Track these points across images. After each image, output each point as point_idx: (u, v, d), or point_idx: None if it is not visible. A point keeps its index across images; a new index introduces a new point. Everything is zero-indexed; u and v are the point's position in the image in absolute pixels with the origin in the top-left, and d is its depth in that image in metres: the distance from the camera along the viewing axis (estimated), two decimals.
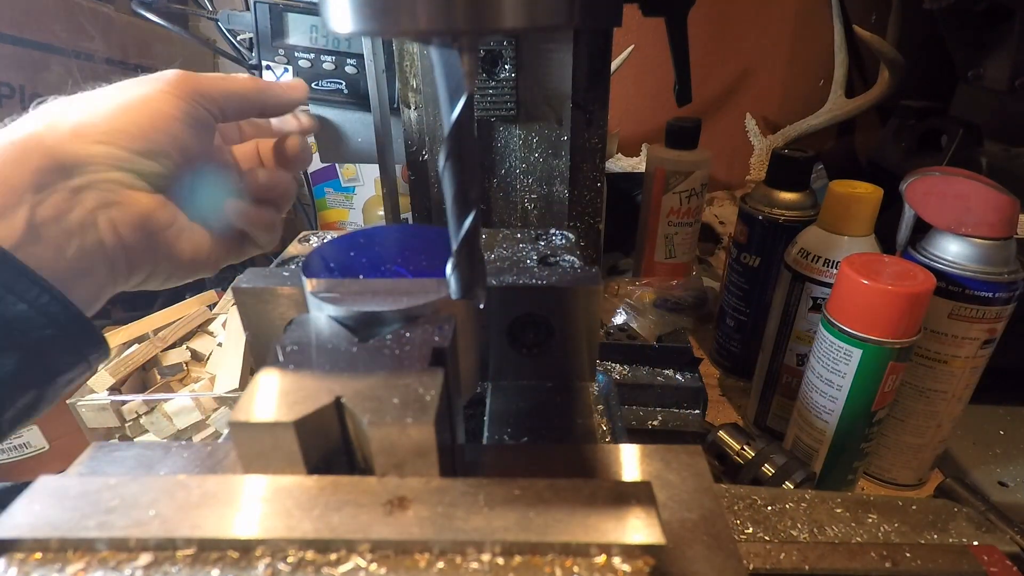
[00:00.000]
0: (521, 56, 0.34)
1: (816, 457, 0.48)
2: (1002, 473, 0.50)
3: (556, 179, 0.37)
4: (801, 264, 0.50)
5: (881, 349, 0.42)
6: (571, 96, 0.35)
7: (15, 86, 0.64)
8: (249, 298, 0.25)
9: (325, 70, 0.42)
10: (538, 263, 0.27)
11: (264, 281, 0.25)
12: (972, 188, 0.43)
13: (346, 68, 0.42)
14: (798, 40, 0.95)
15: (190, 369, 0.51)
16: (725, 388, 0.66)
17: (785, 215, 0.57)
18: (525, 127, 0.36)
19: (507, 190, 0.38)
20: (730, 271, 0.64)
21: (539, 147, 0.36)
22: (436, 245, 0.24)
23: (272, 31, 0.41)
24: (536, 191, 0.37)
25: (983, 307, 0.43)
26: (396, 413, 0.15)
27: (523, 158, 0.37)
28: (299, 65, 0.42)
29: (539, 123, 0.35)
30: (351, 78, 0.42)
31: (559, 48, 0.33)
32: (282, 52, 0.41)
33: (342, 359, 0.18)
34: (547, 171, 0.37)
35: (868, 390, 0.44)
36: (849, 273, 0.42)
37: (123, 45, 0.77)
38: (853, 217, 0.48)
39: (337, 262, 0.23)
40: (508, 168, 0.37)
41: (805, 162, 0.57)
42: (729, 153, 0.97)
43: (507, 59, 0.33)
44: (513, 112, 0.34)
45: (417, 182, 0.39)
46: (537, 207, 0.38)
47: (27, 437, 0.52)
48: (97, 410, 0.46)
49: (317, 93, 0.43)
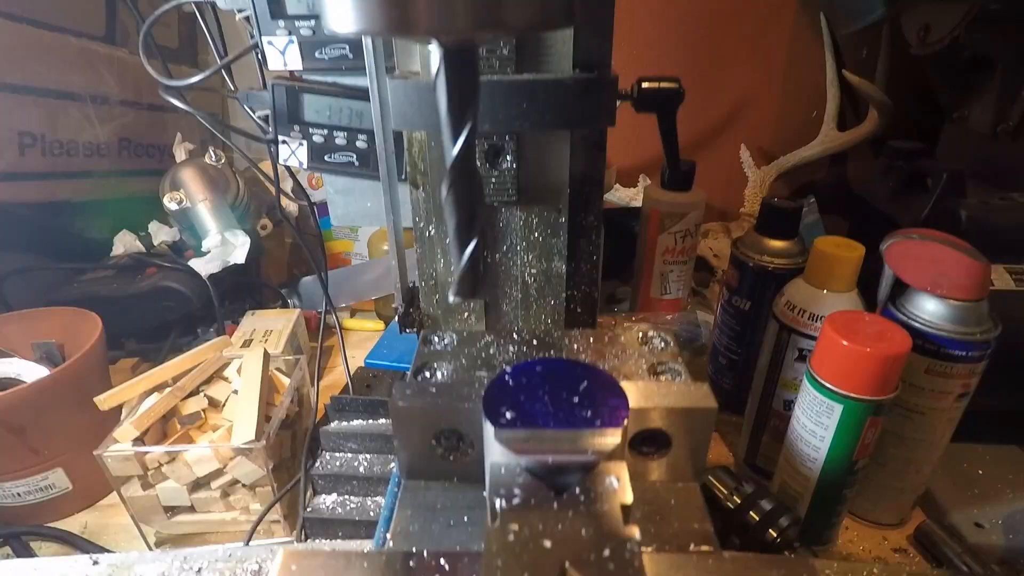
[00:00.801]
0: (522, 148, 0.36)
1: (802, 502, 0.51)
2: (979, 514, 0.53)
3: (555, 255, 0.40)
4: (787, 316, 0.53)
5: (860, 405, 0.45)
6: (568, 182, 0.37)
7: (37, 135, 0.67)
8: (406, 414, 0.29)
9: (337, 144, 0.44)
10: (648, 374, 0.33)
11: (418, 399, 0.30)
12: (946, 253, 0.46)
13: (357, 143, 0.44)
14: (792, 72, 0.98)
15: (207, 416, 0.54)
16: (718, 423, 0.68)
17: (774, 263, 0.60)
18: (526, 210, 0.38)
19: (508, 265, 0.41)
20: (722, 312, 0.67)
21: (538, 227, 0.39)
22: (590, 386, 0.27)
23: (289, 110, 0.43)
24: (536, 266, 0.40)
25: (958, 364, 0.46)
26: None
27: (523, 236, 0.39)
28: (313, 140, 0.44)
29: (539, 206, 0.38)
30: (362, 152, 0.45)
31: (557, 141, 0.36)
32: (297, 128, 0.44)
33: (549, 518, 0.22)
34: (546, 248, 0.39)
35: (849, 442, 0.46)
36: (831, 333, 0.45)
37: (137, 86, 0.80)
38: (836, 275, 0.51)
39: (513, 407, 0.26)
40: (509, 245, 0.40)
41: (793, 212, 0.60)
42: (724, 183, 1.00)
43: (509, 151, 0.36)
44: (514, 198, 0.37)
45: (423, 254, 0.42)
46: (536, 280, 0.41)
47: (52, 479, 0.55)
48: (122, 460, 0.49)
49: (330, 165, 0.45)
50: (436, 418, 0.30)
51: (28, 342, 0.62)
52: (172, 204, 0.71)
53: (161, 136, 0.85)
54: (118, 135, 0.79)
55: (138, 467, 0.49)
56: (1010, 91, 0.67)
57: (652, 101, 0.36)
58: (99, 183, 0.77)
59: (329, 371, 0.79)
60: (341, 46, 0.40)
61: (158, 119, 0.85)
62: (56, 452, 0.54)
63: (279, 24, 0.39)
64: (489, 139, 0.35)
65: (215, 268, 0.72)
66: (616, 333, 0.44)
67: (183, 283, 0.73)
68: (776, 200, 0.61)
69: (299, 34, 0.40)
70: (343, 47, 0.40)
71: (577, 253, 0.40)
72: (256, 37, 0.40)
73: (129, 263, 0.76)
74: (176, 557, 0.34)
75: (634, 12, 0.92)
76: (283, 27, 0.40)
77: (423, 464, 0.32)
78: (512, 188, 0.36)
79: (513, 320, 0.47)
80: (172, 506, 0.51)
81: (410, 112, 0.33)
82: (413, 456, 0.32)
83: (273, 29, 0.40)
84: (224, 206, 0.74)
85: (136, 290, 0.73)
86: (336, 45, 0.40)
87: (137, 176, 0.83)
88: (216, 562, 0.34)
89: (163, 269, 0.74)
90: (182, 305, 0.74)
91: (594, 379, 0.27)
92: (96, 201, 0.78)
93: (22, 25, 0.65)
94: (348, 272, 0.87)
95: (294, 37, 0.40)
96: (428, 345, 0.41)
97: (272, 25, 0.40)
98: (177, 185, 0.73)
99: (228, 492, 0.51)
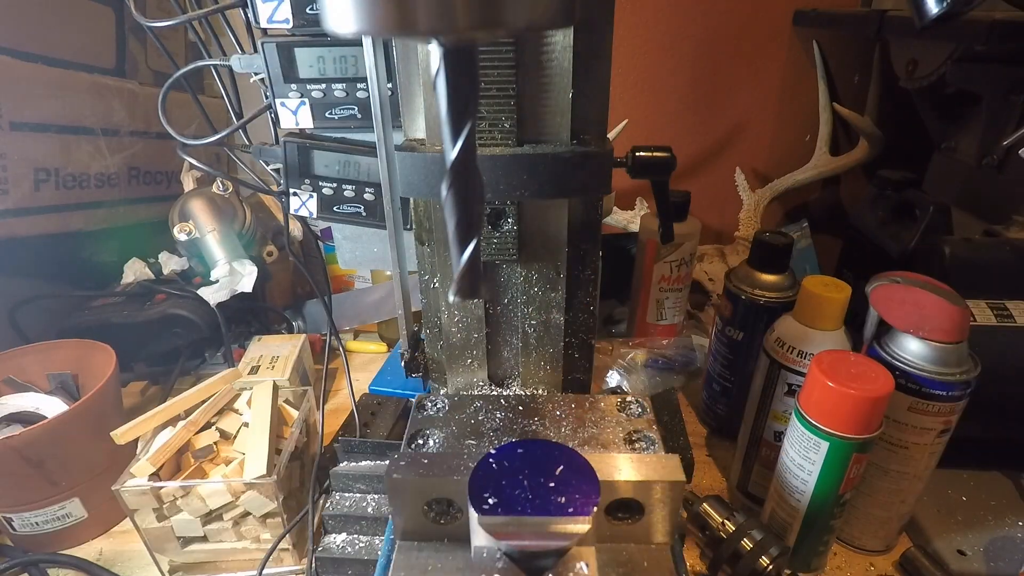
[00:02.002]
0: (523, 212, 0.38)
1: (790, 531, 0.53)
2: (961, 541, 0.55)
3: (553, 308, 0.41)
4: (777, 352, 0.55)
5: (845, 443, 0.47)
6: (566, 241, 0.39)
7: (51, 169, 0.69)
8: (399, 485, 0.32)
9: (346, 196, 0.46)
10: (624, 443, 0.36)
11: (410, 471, 0.32)
12: (928, 298, 0.48)
13: (365, 195, 0.46)
14: (786, 97, 1.00)
15: (219, 449, 0.56)
16: (711, 447, 0.71)
17: (766, 296, 0.62)
18: (526, 266, 0.40)
19: (509, 316, 0.43)
20: (716, 340, 0.69)
21: (538, 283, 0.41)
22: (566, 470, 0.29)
23: (300, 164, 0.45)
24: (535, 318, 0.42)
25: (939, 403, 0.48)
26: None
27: (524, 291, 0.41)
28: (322, 193, 0.46)
29: (538, 263, 0.40)
30: (369, 204, 0.47)
31: (556, 206, 0.38)
32: (308, 181, 0.46)
33: None
34: (545, 301, 0.41)
35: (835, 477, 0.48)
36: (817, 374, 0.47)
37: (146, 117, 0.82)
38: (824, 315, 0.53)
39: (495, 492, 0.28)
40: (510, 298, 0.42)
41: (784, 248, 0.62)
42: (719, 206, 1.02)
43: (510, 215, 0.38)
44: (515, 257, 0.39)
45: (428, 305, 0.44)
46: (536, 331, 0.43)
47: (69, 508, 0.57)
48: (138, 494, 0.51)
49: (338, 216, 0.47)
50: (428, 488, 0.33)
51: (43, 372, 0.64)
52: (182, 235, 0.73)
53: (169, 163, 0.87)
54: (128, 164, 0.81)
55: (154, 500, 0.51)
56: (995, 126, 0.69)
57: (646, 169, 0.38)
58: (110, 212, 0.79)
59: (334, 394, 0.81)
60: (350, 106, 0.42)
61: (166, 146, 0.87)
62: (73, 483, 0.56)
63: (291, 87, 0.41)
64: (491, 204, 0.37)
65: (223, 297, 0.74)
66: (596, 399, 0.46)
67: (191, 310, 0.75)
68: (768, 235, 0.63)
69: (311, 96, 0.42)
70: (352, 107, 0.42)
71: (575, 304, 0.43)
72: (270, 99, 0.42)
73: (138, 290, 0.78)
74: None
75: (631, 38, 0.94)
76: (295, 89, 0.42)
77: (416, 527, 0.35)
78: (513, 248, 0.39)
79: (514, 366, 0.49)
80: (186, 536, 0.53)
81: (416, 181, 0.35)
82: (407, 520, 0.35)
83: (286, 92, 0.42)
84: (232, 236, 0.76)
85: (145, 317, 0.75)
86: (345, 105, 0.42)
87: (145, 203, 0.85)
88: None
89: (172, 296, 0.76)
90: (190, 331, 0.76)
91: (570, 463, 0.29)
92: (107, 229, 0.80)
93: (37, 64, 0.67)
94: (351, 295, 0.89)
95: (306, 100, 0.42)
96: (421, 411, 0.44)
97: (285, 88, 0.42)
98: (186, 216, 0.75)
99: (239, 523, 0.53)
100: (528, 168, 0.34)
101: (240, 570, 0.54)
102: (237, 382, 0.62)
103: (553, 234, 0.39)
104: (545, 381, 0.48)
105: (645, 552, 0.34)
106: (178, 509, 0.52)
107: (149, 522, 0.52)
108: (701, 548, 0.55)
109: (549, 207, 0.38)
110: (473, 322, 0.43)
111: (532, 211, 0.38)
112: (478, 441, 0.40)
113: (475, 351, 0.44)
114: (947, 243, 0.60)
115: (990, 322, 0.57)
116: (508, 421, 0.41)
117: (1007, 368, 0.56)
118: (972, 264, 0.59)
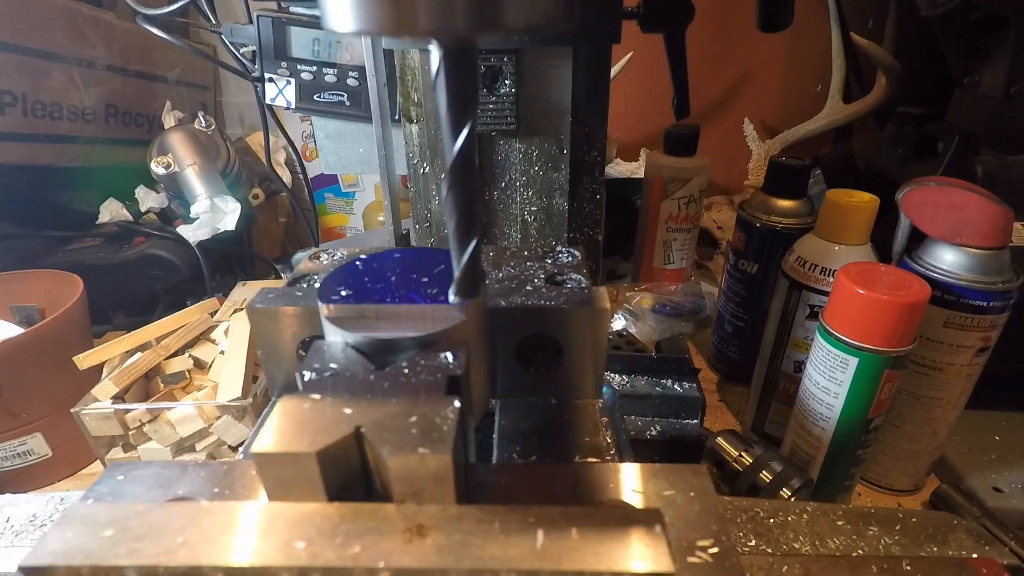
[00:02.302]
0: (521, 71, 0.34)
1: (813, 464, 0.48)
2: (997, 479, 0.51)
3: (556, 192, 0.38)
4: (798, 272, 0.51)
5: (877, 357, 0.43)
6: (571, 111, 0.35)
7: (18, 94, 0.65)
8: (263, 318, 0.25)
9: (327, 83, 0.42)
10: (546, 283, 0.27)
11: (278, 302, 0.25)
12: (967, 198, 0.44)
13: (348, 81, 0.42)
14: (796, 45, 0.96)
15: (193, 377, 0.51)
16: (723, 393, 0.67)
17: (783, 223, 0.58)
18: (525, 141, 0.36)
19: (507, 203, 0.39)
20: (728, 277, 0.65)
21: (539, 160, 0.37)
22: (447, 269, 0.24)
23: (275, 44, 0.41)
24: (536, 203, 0.38)
25: (978, 316, 0.44)
26: (415, 443, 0.16)
27: (523, 171, 0.37)
28: (301, 78, 0.42)
29: (539, 137, 0.36)
30: (353, 91, 0.42)
31: (559, 63, 0.34)
32: (285, 65, 0.42)
33: (360, 387, 0.19)
34: (547, 184, 0.37)
35: (865, 398, 0.44)
36: (845, 283, 0.43)
37: (124, 52, 0.78)
38: (850, 226, 0.49)
39: (351, 287, 0.23)
40: (508, 181, 0.38)
41: (802, 170, 0.58)
42: (727, 158, 0.98)
43: (507, 74, 0.34)
44: (513, 126, 0.35)
45: (418, 194, 0.40)
46: (537, 219, 0.39)
47: (31, 444, 0.53)
48: (101, 419, 0.46)
49: (319, 105, 0.43)
50: (301, 323, 0.26)
51: (7, 306, 0.59)
52: (159, 168, 0.69)
53: (149, 105, 0.83)
54: (104, 101, 0.76)
55: (118, 427, 0.46)
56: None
57: (659, 19, 0.34)
58: (84, 149, 0.75)
59: None
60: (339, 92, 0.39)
61: (147, 87, 0.83)
62: (34, 416, 0.52)
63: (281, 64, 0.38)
64: (487, 61, 0.33)
65: (204, 235, 0.69)
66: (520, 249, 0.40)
67: (172, 251, 0.71)
68: (785, 158, 0.59)
69: (299, 77, 0.38)
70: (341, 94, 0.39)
71: (579, 192, 0.38)
72: None
73: (116, 231, 0.74)
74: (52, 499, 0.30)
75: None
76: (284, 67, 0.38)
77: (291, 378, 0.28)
78: (511, 115, 0.34)
79: None
80: None
81: None
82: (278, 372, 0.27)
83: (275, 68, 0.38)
84: (214, 171, 0.72)
85: (123, 259, 0.71)
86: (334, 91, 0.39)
87: (124, 145, 0.81)
88: None
89: (151, 238, 0.72)
90: (171, 274, 0.72)
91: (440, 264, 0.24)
92: (81, 168, 0.76)
93: None
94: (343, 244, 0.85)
95: (292, 79, 0.38)
96: (316, 260, 0.36)
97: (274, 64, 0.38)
98: (165, 150, 0.71)
99: (214, 456, 0.49)
100: None
101: None
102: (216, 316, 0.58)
103: (555, 100, 0.35)
104: None
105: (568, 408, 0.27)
106: (146, 438, 0.47)
107: (115, 454, 0.48)
108: (717, 485, 0.51)
109: (551, 65, 0.34)
110: None
111: (532, 70, 0.34)
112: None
113: None
114: (980, 162, 0.56)
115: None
116: None
117: None
118: (1008, 182, 0.55)
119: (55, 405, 0.53)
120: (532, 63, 0.34)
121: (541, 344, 0.25)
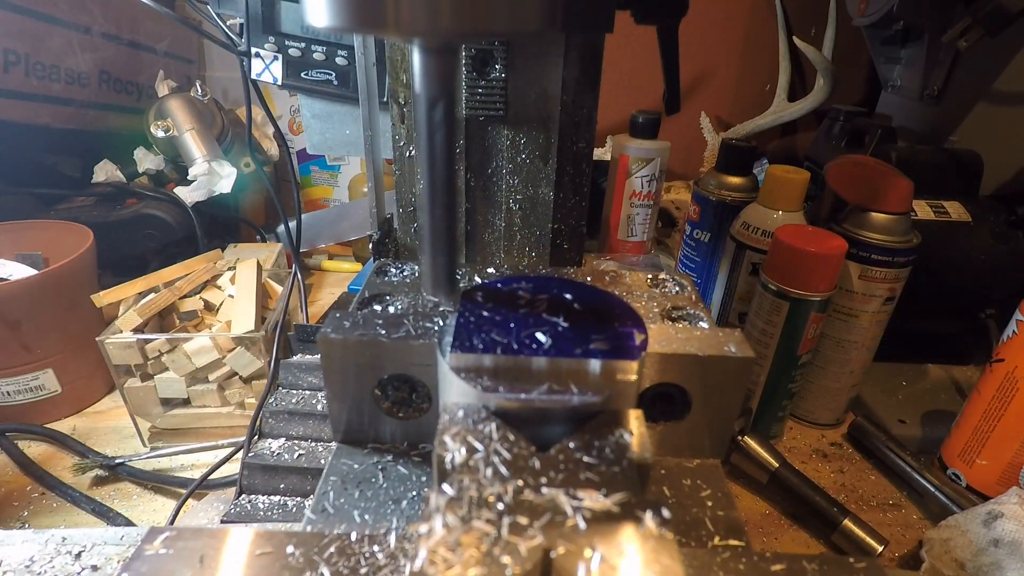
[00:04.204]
0: (512, 57, 0.35)
1: (753, 397, 0.57)
2: (901, 413, 0.61)
3: (542, 181, 0.38)
4: (743, 235, 0.59)
5: (805, 301, 0.51)
6: (560, 99, 0.36)
7: (20, 53, 0.67)
8: (341, 352, 0.21)
9: (315, 60, 0.43)
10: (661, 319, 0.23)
11: (359, 333, 0.22)
12: (878, 172, 0.53)
13: (336, 59, 0.43)
14: (748, 47, 1.06)
15: (203, 317, 0.56)
16: None
17: (732, 196, 0.66)
18: (513, 128, 0.37)
19: (492, 190, 0.39)
20: (684, 246, 0.73)
21: (526, 148, 0.37)
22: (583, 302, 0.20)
23: (263, 18, 0.41)
24: (522, 192, 0.39)
25: (885, 269, 0.53)
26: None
27: (510, 159, 0.38)
28: (289, 54, 0.43)
29: (527, 125, 0.37)
30: (341, 70, 0.43)
31: (550, 51, 0.35)
32: (272, 40, 0.42)
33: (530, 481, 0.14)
34: (533, 173, 0.38)
35: (795, 337, 0.53)
36: (781, 240, 0.51)
37: (118, 21, 0.80)
38: (786, 195, 0.57)
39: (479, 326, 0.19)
40: (495, 168, 0.39)
41: (749, 151, 0.66)
42: (685, 148, 1.07)
43: (498, 59, 0.34)
44: (502, 112, 0.35)
45: (403, 177, 0.40)
46: (522, 207, 0.39)
47: (43, 380, 0.56)
48: (123, 348, 0.50)
49: (306, 83, 0.44)
50: (381, 358, 0.22)
51: (13, 253, 0.62)
52: (159, 132, 0.72)
53: (139, 75, 0.86)
54: (99, 67, 0.79)
55: (139, 356, 0.51)
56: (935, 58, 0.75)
57: (653, 10, 0.36)
58: (78, 112, 0.77)
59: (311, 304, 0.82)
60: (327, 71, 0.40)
61: (138, 57, 0.85)
62: (47, 352, 0.55)
63: (269, 38, 0.39)
64: (477, 45, 0.34)
65: (200, 196, 0.73)
66: (620, 273, 0.37)
67: (166, 211, 0.74)
68: (735, 140, 0.67)
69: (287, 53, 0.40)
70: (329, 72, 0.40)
71: (565, 182, 0.38)
72: None
73: (110, 191, 0.77)
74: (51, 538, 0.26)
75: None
76: (272, 42, 0.40)
77: (363, 422, 0.24)
78: (500, 101, 0.35)
79: (495, 252, 0.44)
80: (168, 399, 0.53)
81: None
82: (350, 411, 0.24)
83: (262, 42, 0.40)
84: (211, 137, 0.75)
85: (118, 217, 0.74)
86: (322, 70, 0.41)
87: (115, 112, 0.83)
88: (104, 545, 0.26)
89: (145, 198, 0.75)
90: (165, 233, 0.75)
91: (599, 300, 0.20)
92: (74, 131, 0.78)
93: None
94: (327, 213, 0.90)
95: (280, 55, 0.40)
96: (383, 276, 0.34)
97: (262, 38, 0.40)
98: (164, 115, 0.74)
99: (224, 385, 0.54)
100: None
101: (222, 438, 0.54)
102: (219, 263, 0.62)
103: (545, 87, 0.36)
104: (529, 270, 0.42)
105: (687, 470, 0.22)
106: (163, 367, 0.52)
107: (132, 382, 0.52)
108: None
109: (542, 53, 0.35)
110: None
111: (523, 57, 0.35)
112: None
113: None
114: (894, 149, 0.66)
115: (929, 217, 0.63)
116: None
117: (941, 259, 0.61)
118: (915, 166, 0.64)
119: (66, 344, 0.56)
120: (523, 49, 0.34)
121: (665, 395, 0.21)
